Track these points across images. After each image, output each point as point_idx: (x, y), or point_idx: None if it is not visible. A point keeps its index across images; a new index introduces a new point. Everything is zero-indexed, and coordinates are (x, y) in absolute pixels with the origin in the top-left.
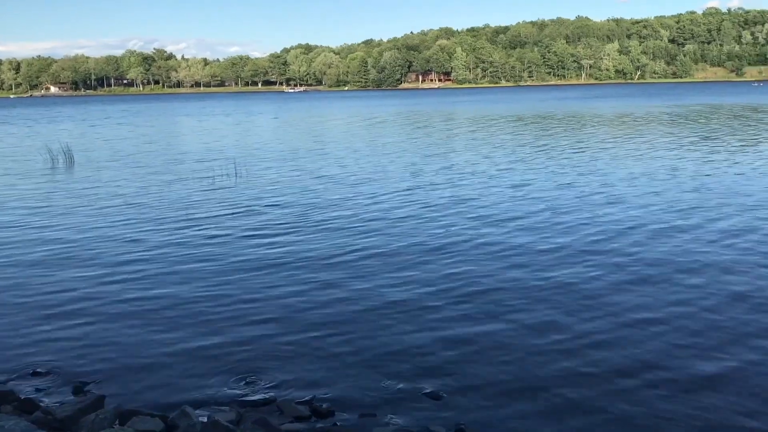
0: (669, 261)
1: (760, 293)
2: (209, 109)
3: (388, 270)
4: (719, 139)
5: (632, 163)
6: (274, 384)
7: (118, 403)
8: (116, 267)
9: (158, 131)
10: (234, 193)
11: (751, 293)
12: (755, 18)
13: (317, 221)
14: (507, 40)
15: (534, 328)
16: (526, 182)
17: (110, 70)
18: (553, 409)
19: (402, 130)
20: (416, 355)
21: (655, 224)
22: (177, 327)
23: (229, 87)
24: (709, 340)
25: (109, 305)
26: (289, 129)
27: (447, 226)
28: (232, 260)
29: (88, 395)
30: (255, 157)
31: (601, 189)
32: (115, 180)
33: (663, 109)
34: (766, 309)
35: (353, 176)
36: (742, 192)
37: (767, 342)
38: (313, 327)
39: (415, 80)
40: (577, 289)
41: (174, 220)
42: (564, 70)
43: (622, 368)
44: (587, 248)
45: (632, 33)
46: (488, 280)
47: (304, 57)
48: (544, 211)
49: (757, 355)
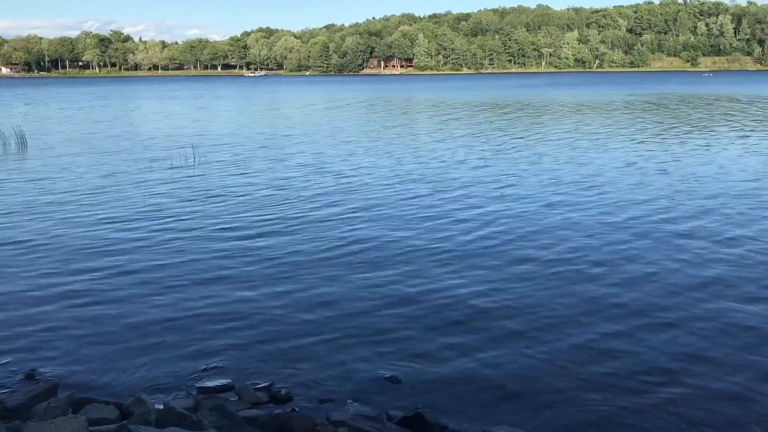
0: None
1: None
2: (167, 93)
3: (346, 257)
4: (663, 128)
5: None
6: (233, 371)
7: (71, 392)
8: (70, 255)
9: (113, 115)
10: (191, 179)
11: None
12: (710, 9)
13: (273, 212)
14: (468, 27)
15: (487, 312)
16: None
17: (65, 51)
18: (509, 394)
19: (366, 116)
20: (376, 340)
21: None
22: (133, 316)
23: (188, 70)
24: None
25: (64, 294)
26: (249, 114)
27: (398, 208)
28: (186, 251)
29: (40, 383)
30: (213, 143)
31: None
32: (68, 164)
33: (615, 97)
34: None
35: (311, 164)
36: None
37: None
38: (271, 316)
39: (377, 66)
40: (518, 274)
41: (129, 206)
42: (524, 58)
43: (574, 354)
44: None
45: (591, 22)
46: (435, 269)
47: (264, 41)
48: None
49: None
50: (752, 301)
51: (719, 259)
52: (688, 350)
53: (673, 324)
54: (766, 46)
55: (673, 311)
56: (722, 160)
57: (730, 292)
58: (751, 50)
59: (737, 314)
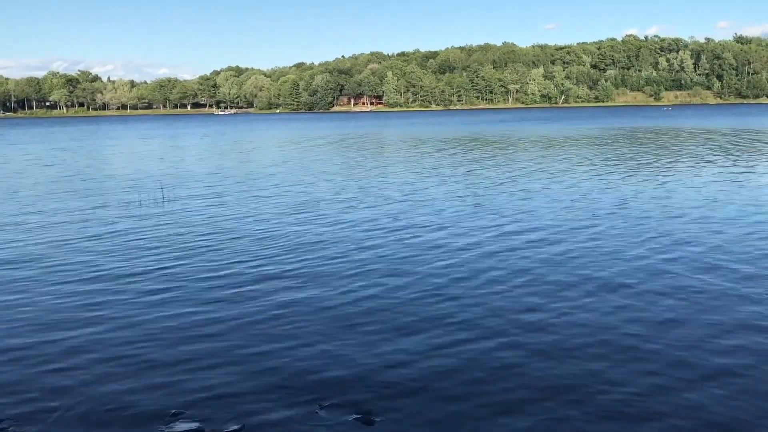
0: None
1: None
2: (134, 132)
3: (314, 291)
4: (624, 159)
5: (542, 182)
6: (202, 416)
7: None
8: (35, 293)
9: (82, 155)
10: (160, 217)
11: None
12: (670, 45)
13: (240, 246)
14: (436, 64)
15: (444, 347)
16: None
17: (31, 91)
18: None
19: (337, 153)
20: (346, 381)
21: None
22: (96, 361)
23: (157, 110)
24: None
25: (26, 332)
26: (219, 153)
27: (370, 240)
28: (153, 291)
29: None
30: (183, 181)
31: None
32: (34, 204)
33: (575, 132)
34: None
35: (281, 200)
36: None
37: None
38: (241, 358)
39: (347, 103)
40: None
41: (95, 246)
42: (492, 95)
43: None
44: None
45: (556, 59)
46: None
47: (234, 79)
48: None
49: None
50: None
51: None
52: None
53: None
54: (725, 80)
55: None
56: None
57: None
58: (710, 84)
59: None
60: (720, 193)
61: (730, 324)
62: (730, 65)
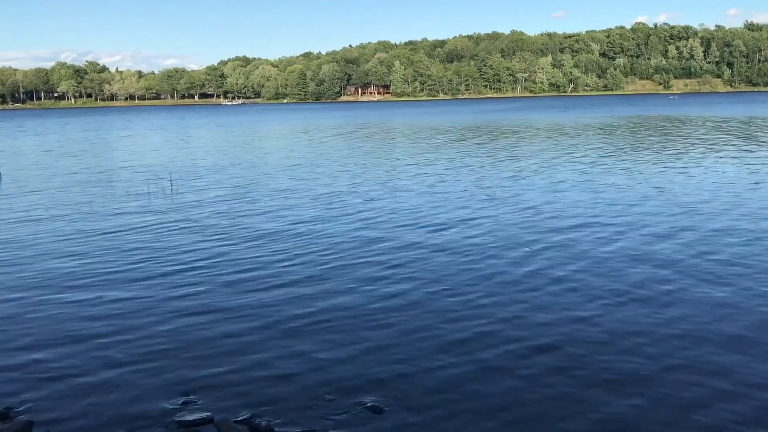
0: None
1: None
2: (146, 122)
3: (323, 282)
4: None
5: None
6: (212, 404)
7: (46, 430)
8: (45, 287)
9: (92, 145)
10: (168, 208)
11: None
12: (680, 33)
13: (246, 239)
14: (444, 53)
15: (455, 342)
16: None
17: (40, 83)
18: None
19: (347, 143)
20: (357, 370)
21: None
22: (109, 352)
23: (165, 100)
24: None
25: (40, 328)
26: (228, 144)
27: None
28: (159, 283)
29: (14, 421)
30: (191, 173)
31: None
32: (44, 196)
33: (583, 120)
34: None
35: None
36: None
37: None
38: (250, 347)
39: (354, 93)
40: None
41: (105, 236)
42: (500, 83)
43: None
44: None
45: (565, 47)
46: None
47: (241, 69)
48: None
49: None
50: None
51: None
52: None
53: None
54: (735, 68)
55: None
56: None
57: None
58: (720, 72)
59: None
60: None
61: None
62: (740, 53)
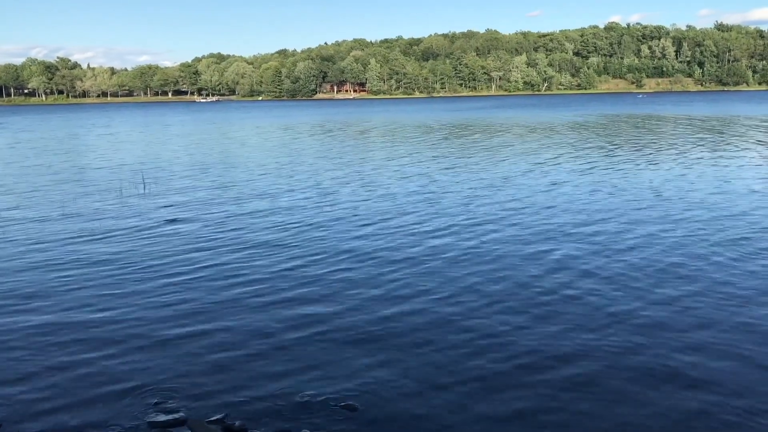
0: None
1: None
2: (115, 120)
3: (300, 282)
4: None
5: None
6: (185, 404)
7: (15, 431)
8: (11, 286)
9: (61, 142)
10: (141, 206)
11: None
12: (652, 33)
13: (225, 237)
14: (420, 51)
15: (431, 336)
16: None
17: (9, 79)
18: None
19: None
20: (329, 369)
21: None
22: (78, 350)
23: (138, 97)
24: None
25: (7, 328)
26: (200, 141)
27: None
28: (132, 278)
29: None
30: (164, 170)
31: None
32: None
33: (553, 119)
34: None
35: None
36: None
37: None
38: (222, 346)
39: (330, 91)
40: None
41: (76, 233)
42: (475, 82)
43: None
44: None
45: (539, 46)
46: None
47: (216, 66)
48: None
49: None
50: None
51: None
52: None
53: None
54: (705, 68)
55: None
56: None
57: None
58: (691, 72)
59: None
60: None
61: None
62: (711, 53)
